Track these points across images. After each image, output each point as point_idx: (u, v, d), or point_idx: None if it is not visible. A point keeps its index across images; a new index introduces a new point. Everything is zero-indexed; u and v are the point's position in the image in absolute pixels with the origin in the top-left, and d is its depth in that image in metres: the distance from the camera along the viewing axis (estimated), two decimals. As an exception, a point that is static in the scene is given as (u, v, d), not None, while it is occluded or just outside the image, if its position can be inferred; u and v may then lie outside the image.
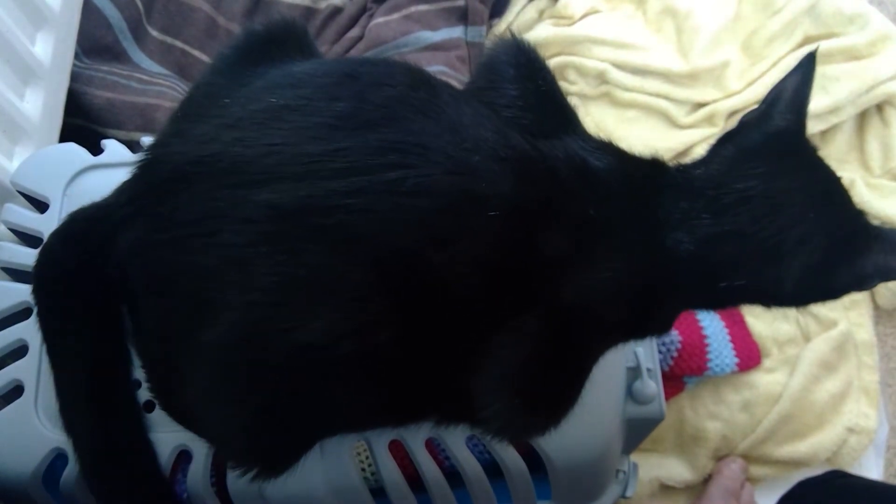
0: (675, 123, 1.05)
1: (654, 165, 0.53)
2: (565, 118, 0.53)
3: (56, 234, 0.58)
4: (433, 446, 0.59)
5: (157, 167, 0.50)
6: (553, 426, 0.51)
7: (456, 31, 1.07)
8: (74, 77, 0.91)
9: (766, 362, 0.91)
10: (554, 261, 0.47)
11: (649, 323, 0.52)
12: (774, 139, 0.52)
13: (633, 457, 0.69)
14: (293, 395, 0.47)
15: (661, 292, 0.50)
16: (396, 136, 0.45)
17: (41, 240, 0.63)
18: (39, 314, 0.57)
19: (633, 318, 0.50)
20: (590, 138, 0.53)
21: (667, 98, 1.05)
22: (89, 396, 0.56)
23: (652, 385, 0.60)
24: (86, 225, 0.56)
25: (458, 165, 0.45)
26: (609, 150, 0.52)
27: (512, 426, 0.49)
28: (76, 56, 0.93)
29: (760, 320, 0.92)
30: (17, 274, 0.64)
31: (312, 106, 0.47)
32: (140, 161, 0.51)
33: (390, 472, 0.57)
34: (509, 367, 0.46)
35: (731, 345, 0.89)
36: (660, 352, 0.84)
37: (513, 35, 0.55)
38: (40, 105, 0.81)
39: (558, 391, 0.50)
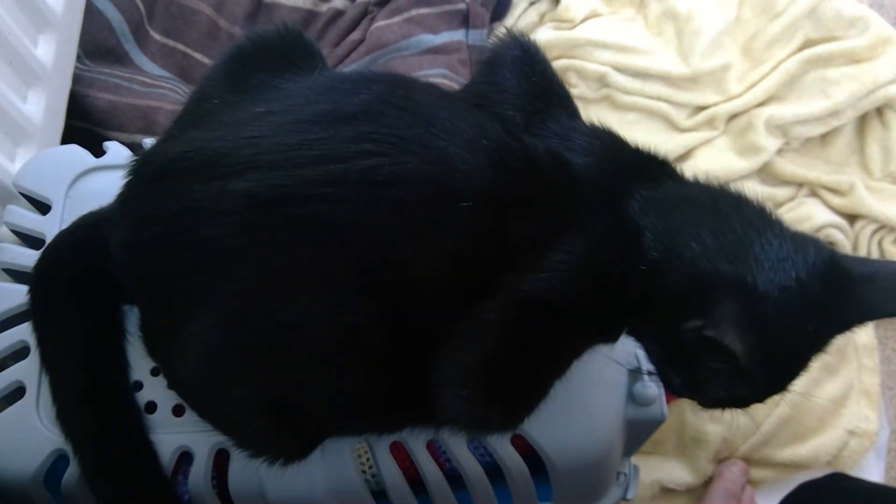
0: (675, 126, 1.05)
1: (648, 160, 0.52)
2: (557, 112, 0.53)
3: (62, 236, 0.59)
4: (434, 448, 0.59)
5: (145, 168, 0.52)
6: (512, 423, 0.51)
7: (457, 35, 1.07)
8: (76, 79, 0.91)
9: (767, 365, 0.91)
10: (521, 252, 0.47)
11: (608, 323, 0.51)
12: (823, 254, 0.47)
13: (634, 459, 0.69)
14: (281, 378, 0.48)
15: (615, 287, 0.48)
16: (373, 127, 0.46)
17: (43, 241, 0.63)
18: (35, 314, 0.57)
19: (591, 313, 0.49)
20: (580, 132, 0.52)
21: (667, 101, 1.05)
22: (87, 399, 0.56)
23: (653, 387, 0.60)
24: (90, 229, 0.58)
25: (433, 155, 0.46)
26: (598, 143, 0.52)
27: (465, 416, 0.49)
28: (78, 58, 0.93)
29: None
30: (18, 275, 0.64)
31: (293, 109, 0.48)
32: (132, 164, 0.53)
33: (391, 473, 0.57)
34: (467, 356, 0.47)
35: (731, 347, 0.89)
36: (660, 354, 0.84)
37: (512, 32, 0.55)
38: (42, 107, 0.81)
39: (516, 386, 0.49)
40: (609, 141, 0.53)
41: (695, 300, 0.45)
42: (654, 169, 0.52)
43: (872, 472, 0.92)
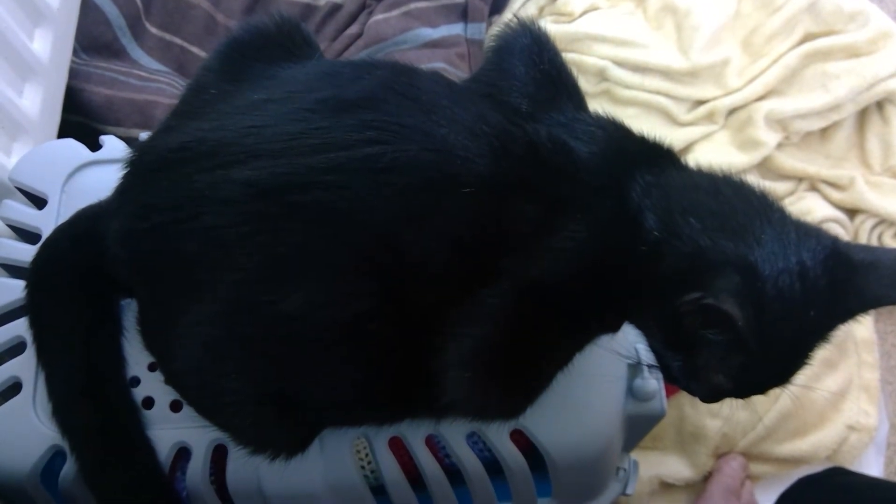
0: (675, 121, 1.05)
1: (652, 149, 0.52)
2: (564, 101, 0.53)
3: (60, 231, 0.59)
4: (433, 443, 0.59)
5: (143, 159, 0.52)
6: (513, 410, 0.52)
7: (456, 28, 1.07)
8: (73, 74, 0.90)
9: (767, 360, 0.91)
10: (523, 237, 0.47)
11: (610, 308, 0.50)
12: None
13: (634, 454, 0.69)
14: (280, 369, 0.48)
15: (617, 269, 0.48)
16: (374, 115, 0.46)
17: (39, 236, 0.63)
18: (31, 309, 0.57)
19: (594, 297, 0.48)
20: (585, 121, 0.52)
21: (667, 95, 1.05)
22: (84, 395, 0.56)
23: (653, 382, 0.60)
24: (88, 223, 0.57)
25: (434, 142, 0.46)
26: (602, 132, 0.52)
27: (467, 400, 0.49)
28: (75, 53, 0.92)
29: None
30: (15, 270, 0.63)
31: (293, 97, 0.48)
32: (130, 156, 0.52)
33: (390, 469, 0.57)
34: (470, 340, 0.47)
35: (731, 342, 0.88)
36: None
37: (523, 20, 0.55)
38: (39, 102, 0.81)
39: (519, 371, 0.49)
40: (613, 130, 0.52)
41: (695, 275, 0.45)
42: (658, 157, 0.52)
43: (872, 466, 0.92)
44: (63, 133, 0.84)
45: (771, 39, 1.06)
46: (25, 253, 0.61)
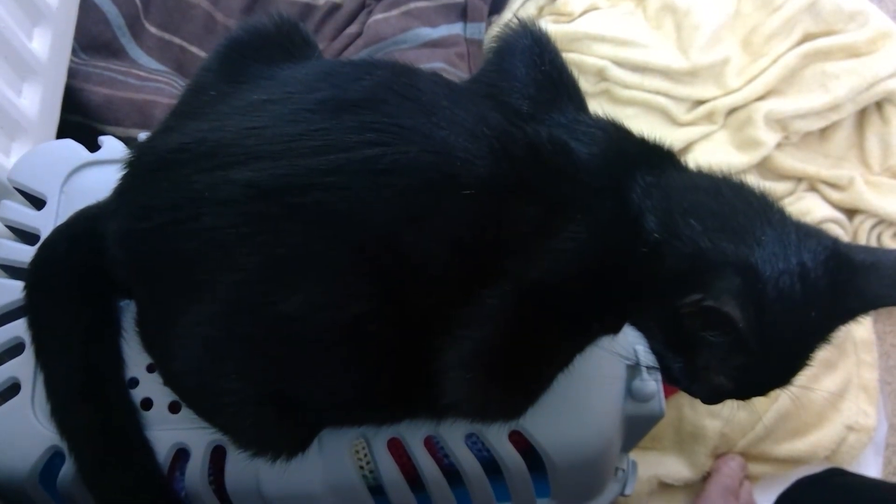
0: (674, 121, 1.05)
1: (653, 150, 0.52)
2: (564, 102, 0.53)
3: (58, 231, 0.59)
4: (432, 444, 0.59)
5: (142, 159, 0.52)
6: (514, 411, 0.52)
7: (455, 28, 1.07)
8: (72, 73, 0.90)
9: (766, 360, 0.91)
10: (523, 239, 0.47)
11: (611, 309, 0.51)
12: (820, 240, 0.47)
13: (632, 455, 0.69)
14: (280, 370, 0.48)
15: (618, 271, 0.48)
16: (374, 116, 0.46)
17: (38, 237, 0.63)
18: (30, 310, 0.57)
19: (595, 298, 0.49)
20: (585, 122, 0.52)
21: (666, 95, 1.05)
22: (82, 396, 0.56)
23: (651, 383, 0.60)
24: (87, 224, 0.57)
25: (434, 144, 0.46)
26: (603, 133, 0.52)
27: (467, 401, 0.49)
28: (74, 52, 0.92)
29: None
30: (13, 271, 0.63)
31: (293, 98, 0.48)
32: (129, 156, 0.53)
33: (389, 470, 0.57)
34: (471, 342, 0.47)
35: (730, 343, 0.88)
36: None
37: (524, 21, 0.55)
38: (37, 101, 0.81)
39: (519, 372, 0.50)
40: (613, 131, 0.52)
41: (695, 277, 0.45)
42: (658, 158, 0.52)
43: (870, 467, 0.92)
44: (62, 133, 0.84)
45: (770, 39, 1.06)
46: (24, 253, 0.61)
